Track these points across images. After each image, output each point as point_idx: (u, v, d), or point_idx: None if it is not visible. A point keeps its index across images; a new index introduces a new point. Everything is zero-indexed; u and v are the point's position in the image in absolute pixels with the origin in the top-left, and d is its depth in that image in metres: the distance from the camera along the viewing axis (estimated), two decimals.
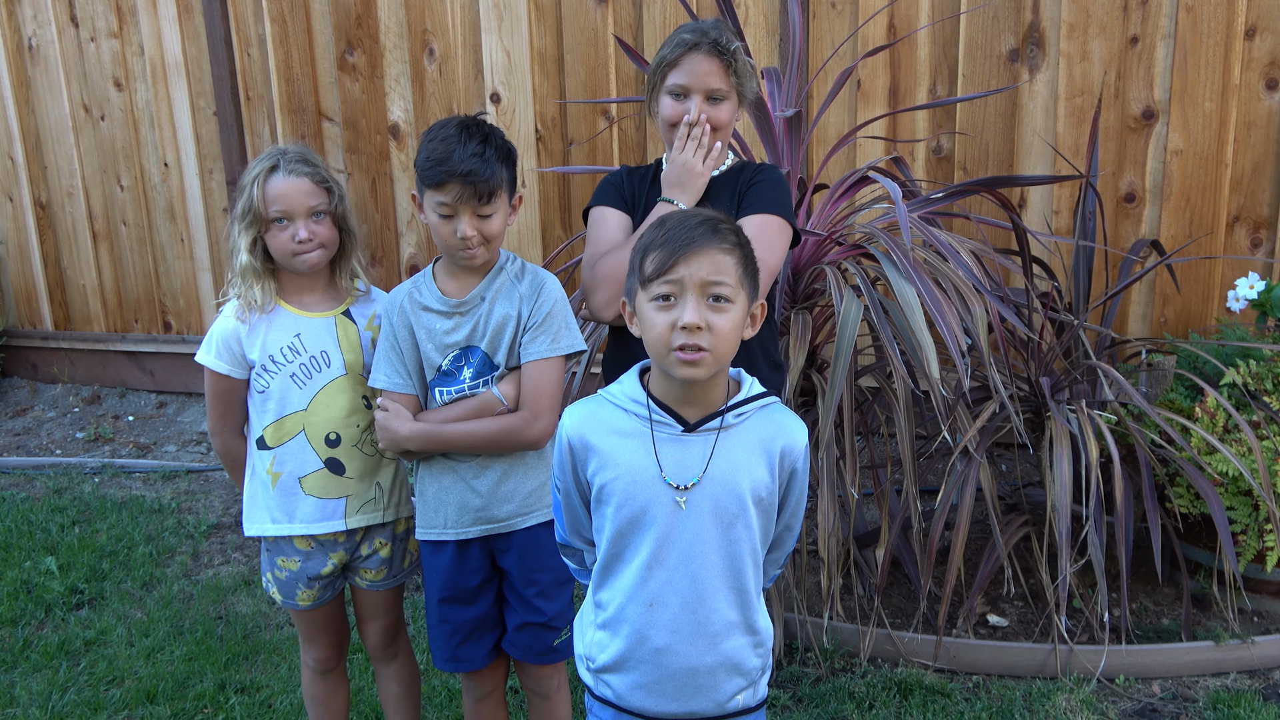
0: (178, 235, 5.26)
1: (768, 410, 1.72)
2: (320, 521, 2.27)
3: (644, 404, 1.68)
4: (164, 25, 4.99)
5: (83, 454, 4.94)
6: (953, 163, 3.93)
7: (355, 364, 2.28)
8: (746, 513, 1.67)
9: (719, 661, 1.70)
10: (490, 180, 2.05)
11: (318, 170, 2.24)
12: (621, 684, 1.73)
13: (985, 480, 2.93)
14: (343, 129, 4.78)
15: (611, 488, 1.68)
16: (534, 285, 2.17)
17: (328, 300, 2.31)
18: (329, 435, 2.25)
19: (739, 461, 1.66)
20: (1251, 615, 3.08)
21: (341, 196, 2.28)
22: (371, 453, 2.30)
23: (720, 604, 1.68)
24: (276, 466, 2.26)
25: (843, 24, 3.94)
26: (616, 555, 1.72)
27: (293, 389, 2.24)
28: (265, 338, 2.24)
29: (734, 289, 1.60)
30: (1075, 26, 3.66)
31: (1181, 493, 2.98)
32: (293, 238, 2.19)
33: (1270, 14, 3.47)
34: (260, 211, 2.18)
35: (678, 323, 1.57)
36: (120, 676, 3.05)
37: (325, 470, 2.26)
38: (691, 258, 1.58)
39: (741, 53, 2.25)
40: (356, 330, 2.30)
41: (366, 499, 2.31)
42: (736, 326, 1.61)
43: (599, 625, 1.76)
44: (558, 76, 4.38)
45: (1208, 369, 3.16)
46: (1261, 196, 3.60)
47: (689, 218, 1.63)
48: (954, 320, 2.60)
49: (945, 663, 2.95)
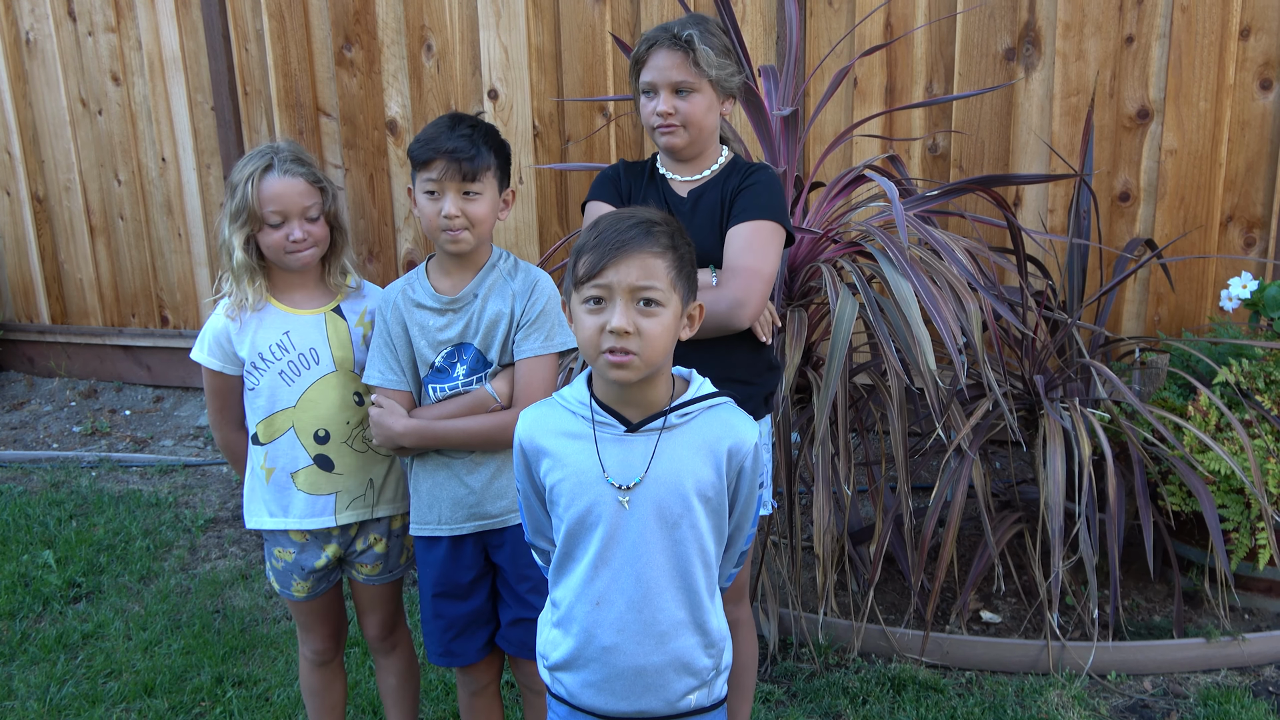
0: (175, 230, 5.27)
1: (716, 410, 1.72)
2: (311, 517, 2.29)
3: (588, 405, 1.70)
4: (162, 20, 4.99)
5: (80, 448, 4.95)
6: (948, 161, 3.94)
7: (345, 360, 2.29)
8: (692, 512, 1.68)
9: (667, 661, 1.70)
10: (475, 159, 2.07)
11: (312, 170, 2.25)
12: (573, 682, 1.75)
13: (978, 477, 2.95)
14: (340, 124, 4.78)
15: (560, 488, 1.70)
16: (527, 282, 2.18)
17: (318, 297, 2.32)
18: (318, 432, 2.27)
19: (682, 461, 1.67)
20: (1242, 612, 3.10)
21: (334, 196, 2.29)
22: (363, 449, 2.31)
23: (666, 603, 1.69)
24: (269, 462, 2.29)
25: (840, 22, 3.95)
26: (567, 554, 1.73)
27: (281, 386, 2.25)
28: (255, 335, 2.25)
29: (665, 292, 1.60)
30: (1071, 26, 3.67)
31: (1174, 490, 3.00)
32: (287, 237, 2.20)
33: (1265, 15, 3.49)
34: (255, 211, 2.18)
35: (606, 326, 1.58)
36: (118, 669, 3.07)
37: (314, 467, 2.28)
38: (621, 261, 1.58)
39: (699, 40, 2.21)
40: (347, 327, 2.31)
41: (356, 495, 2.32)
42: (668, 329, 1.61)
43: (554, 624, 1.78)
44: (555, 73, 4.38)
45: (1201, 368, 3.18)
46: (1255, 196, 3.62)
47: (623, 219, 1.63)
48: (949, 317, 2.61)
49: (938, 658, 2.97)
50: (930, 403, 2.67)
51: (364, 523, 2.35)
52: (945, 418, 2.87)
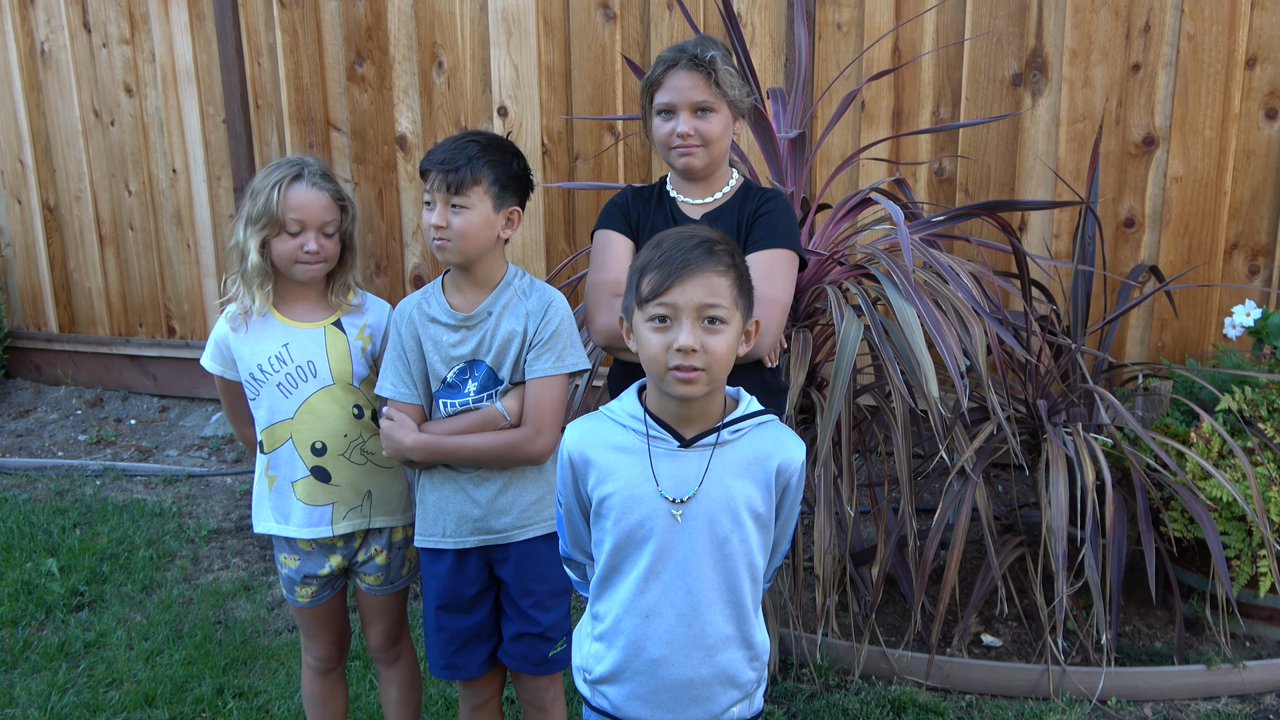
0: (184, 240, 5.30)
1: (765, 427, 1.74)
2: (309, 527, 2.32)
3: (641, 420, 1.72)
4: (176, 32, 5.04)
5: (85, 456, 4.96)
6: (954, 185, 3.96)
7: (343, 374, 2.31)
8: (742, 527, 1.70)
9: (714, 674, 1.72)
10: (460, 170, 2.08)
11: (337, 188, 2.30)
12: (618, 695, 1.76)
13: (981, 500, 2.95)
14: (350, 139, 4.82)
15: (610, 502, 1.71)
16: (541, 302, 2.20)
17: (319, 311, 2.34)
18: (315, 444, 2.29)
19: (734, 477, 1.69)
20: (1244, 640, 3.10)
21: (354, 217, 2.33)
22: (360, 462, 2.33)
23: (715, 617, 1.71)
24: (271, 470, 2.33)
25: (848, 46, 3.98)
26: (614, 568, 1.74)
27: (280, 398, 2.28)
28: (254, 347, 2.28)
29: (729, 310, 1.63)
30: (1078, 53, 3.70)
31: (1176, 517, 3.00)
32: (300, 247, 2.23)
33: (1270, 44, 3.51)
34: (277, 216, 2.21)
35: (673, 344, 1.60)
36: (119, 679, 3.07)
37: (311, 478, 2.30)
38: (686, 280, 1.61)
39: (720, 61, 2.25)
40: (346, 341, 2.33)
41: (353, 506, 2.34)
42: (731, 346, 1.65)
43: (596, 637, 1.79)
44: (565, 92, 4.42)
45: (1204, 394, 3.19)
46: (1260, 224, 3.64)
47: (685, 239, 1.65)
48: (953, 341, 2.62)
49: (939, 681, 2.97)
50: (934, 425, 2.68)
51: (368, 533, 2.38)
52: (948, 440, 2.87)
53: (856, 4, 3.94)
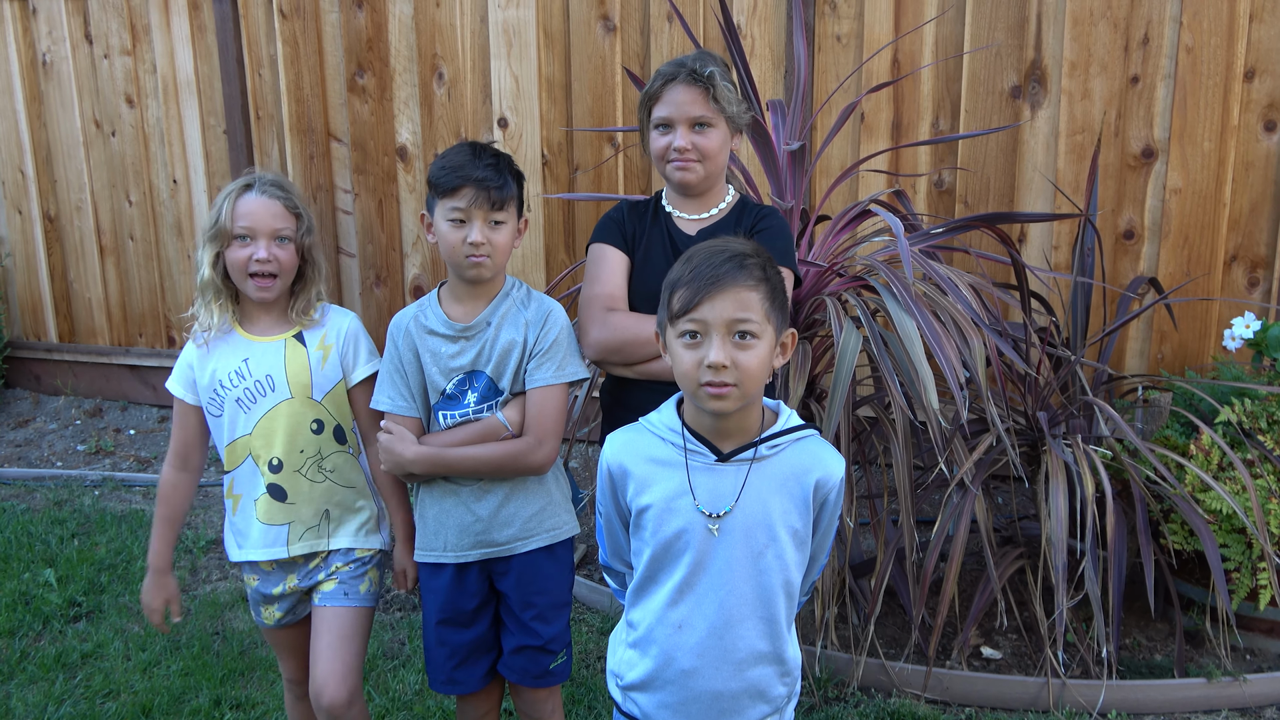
0: (184, 251, 5.30)
1: (805, 442, 1.73)
2: (265, 548, 2.28)
3: (679, 433, 1.71)
4: (177, 44, 5.05)
5: (84, 466, 4.96)
6: (954, 197, 3.97)
7: (302, 387, 2.26)
8: (778, 543, 1.69)
9: (744, 688, 1.72)
10: (504, 189, 2.11)
11: (290, 196, 2.26)
12: (648, 703, 1.77)
13: (981, 512, 2.95)
14: (351, 150, 4.83)
15: (649, 514, 1.71)
16: (540, 312, 2.20)
17: (281, 325, 2.30)
18: (271, 460, 2.25)
19: (771, 492, 1.68)
20: (1244, 653, 3.09)
21: (310, 228, 2.29)
22: (318, 479, 2.29)
23: (748, 632, 1.70)
24: (236, 489, 2.30)
25: (847, 58, 3.99)
26: (650, 578, 1.75)
27: (239, 413, 2.25)
28: (216, 363, 2.26)
29: (760, 324, 1.62)
30: (1077, 65, 3.71)
31: (1176, 529, 2.99)
32: (251, 256, 2.20)
33: (1269, 57, 3.52)
34: (226, 227, 2.20)
35: (704, 360, 1.60)
36: (116, 690, 3.06)
37: (266, 496, 2.26)
38: (716, 296, 1.60)
39: (719, 77, 2.25)
40: (305, 353, 2.28)
41: (310, 525, 2.29)
42: (763, 360, 1.63)
43: (630, 644, 1.80)
44: (565, 103, 4.43)
45: (1203, 407, 3.18)
46: (1259, 236, 3.64)
47: (716, 254, 1.64)
48: (952, 353, 2.62)
49: (938, 694, 2.96)
50: (933, 437, 2.67)
51: (328, 555, 2.32)
52: (948, 452, 2.87)
53: (856, 16, 3.95)
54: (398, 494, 2.33)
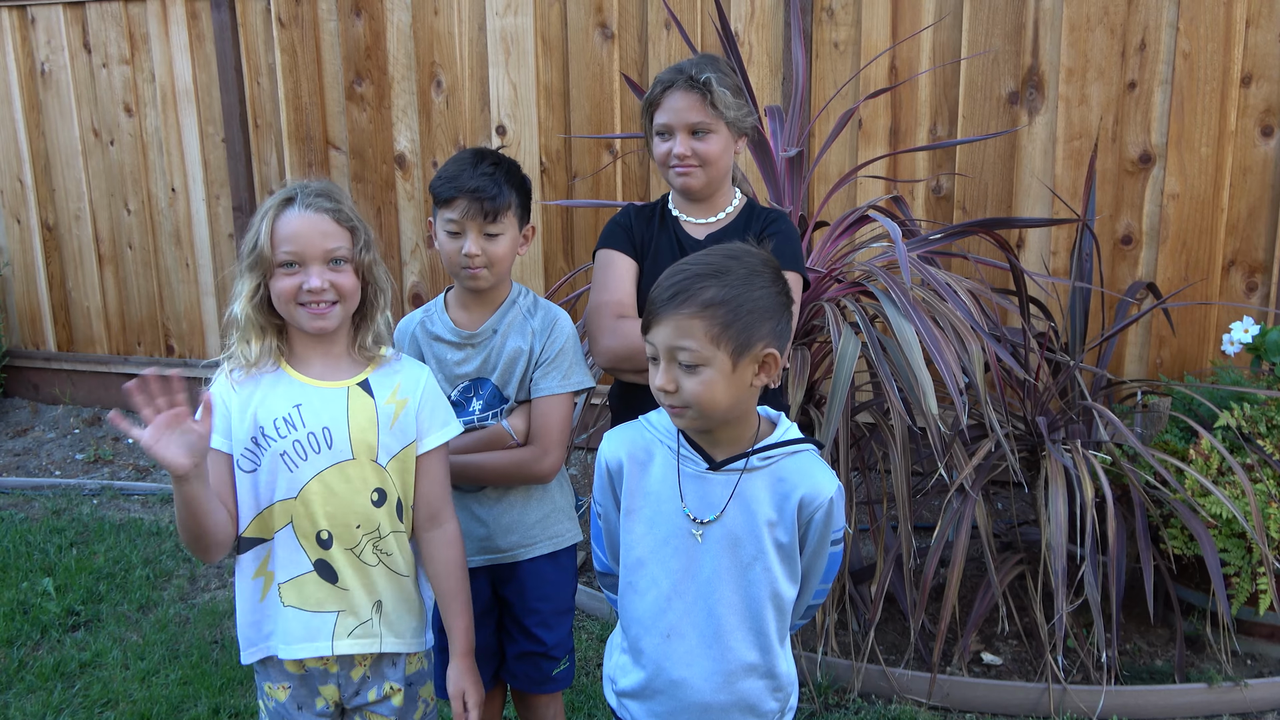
0: (183, 260, 5.31)
1: (798, 457, 1.70)
2: (304, 641, 1.84)
3: (675, 437, 1.71)
4: (175, 53, 5.06)
5: (82, 475, 4.95)
6: (952, 202, 3.97)
7: (366, 447, 1.85)
8: (765, 555, 1.67)
9: (733, 701, 1.70)
10: (497, 199, 2.08)
11: (340, 208, 1.84)
12: (640, 710, 1.76)
13: (980, 518, 2.95)
14: (349, 158, 4.83)
15: (640, 513, 1.71)
16: (546, 321, 2.20)
17: (344, 369, 1.89)
18: (320, 533, 1.84)
19: (759, 504, 1.67)
20: (1244, 658, 3.09)
21: (368, 243, 1.88)
22: (373, 563, 1.88)
23: (737, 643, 1.69)
24: (270, 565, 1.86)
25: (845, 64, 4.00)
26: (638, 580, 1.74)
27: (282, 471, 1.82)
28: (259, 405, 1.83)
29: (701, 352, 1.56)
30: (1074, 71, 3.72)
31: (1175, 534, 2.99)
32: (301, 286, 1.79)
33: (1266, 62, 3.53)
34: (266, 253, 1.80)
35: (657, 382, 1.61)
36: (115, 699, 3.05)
37: (314, 574, 1.84)
38: (657, 324, 1.59)
39: (716, 83, 2.24)
40: (374, 405, 1.87)
41: (363, 620, 1.86)
42: (712, 385, 1.57)
43: (624, 650, 1.79)
44: (563, 110, 4.43)
45: (1202, 411, 3.18)
46: (1257, 241, 3.64)
47: (665, 280, 1.61)
48: (951, 359, 2.62)
49: (939, 700, 2.96)
50: (932, 443, 2.67)
51: (379, 663, 1.92)
52: (947, 458, 2.87)
53: (853, 23, 3.96)
54: (461, 596, 1.96)
